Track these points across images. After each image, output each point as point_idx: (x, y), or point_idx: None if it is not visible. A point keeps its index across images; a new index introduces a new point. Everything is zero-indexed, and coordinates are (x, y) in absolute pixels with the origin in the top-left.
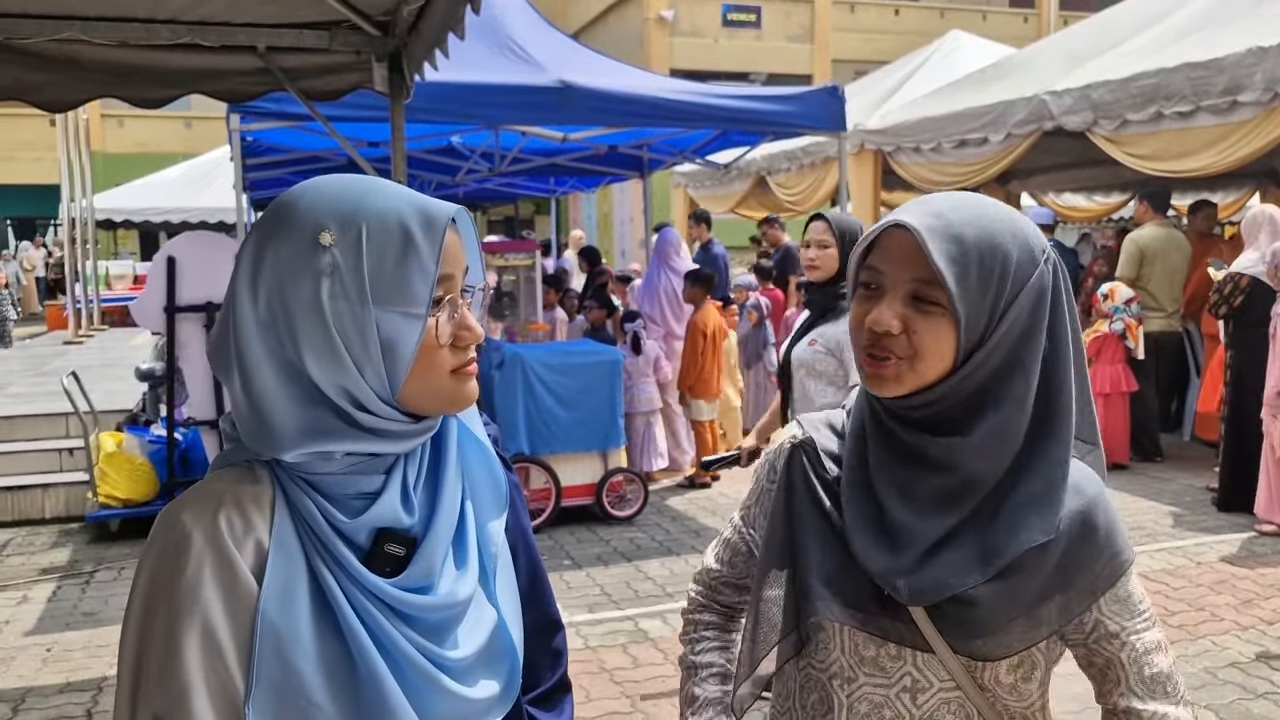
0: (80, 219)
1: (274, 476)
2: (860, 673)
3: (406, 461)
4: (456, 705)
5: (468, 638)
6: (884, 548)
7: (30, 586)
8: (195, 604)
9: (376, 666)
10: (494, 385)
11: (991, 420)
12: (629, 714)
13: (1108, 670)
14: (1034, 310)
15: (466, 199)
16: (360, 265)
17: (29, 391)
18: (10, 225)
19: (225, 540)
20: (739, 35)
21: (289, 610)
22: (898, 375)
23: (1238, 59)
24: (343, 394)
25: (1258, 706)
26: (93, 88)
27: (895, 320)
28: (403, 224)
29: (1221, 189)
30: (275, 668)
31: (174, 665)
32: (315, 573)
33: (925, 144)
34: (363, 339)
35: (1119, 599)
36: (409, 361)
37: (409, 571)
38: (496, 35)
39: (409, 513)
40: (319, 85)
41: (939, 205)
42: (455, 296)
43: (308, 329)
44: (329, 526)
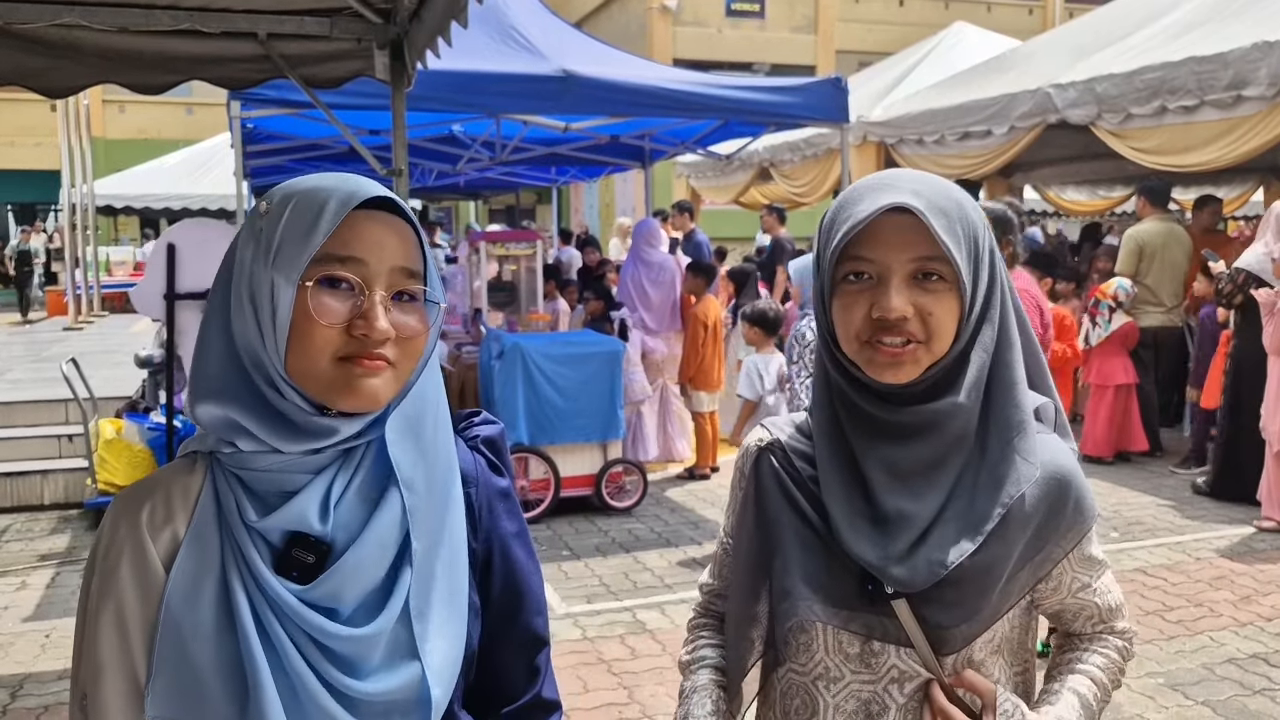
0: (81, 205)
1: (209, 470)
2: (846, 670)
3: (341, 467)
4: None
5: (382, 677)
6: (876, 537)
7: (29, 572)
8: (111, 589)
9: (261, 676)
10: (494, 375)
11: (973, 373)
12: (626, 705)
13: (1080, 613)
14: (992, 264)
15: (467, 187)
16: (276, 232)
17: (28, 377)
18: (10, 211)
19: (143, 530)
20: (742, 25)
21: (193, 602)
22: (916, 358)
23: (1243, 53)
24: (255, 363)
25: (1254, 703)
26: (93, 73)
27: (908, 305)
28: (324, 200)
29: (1225, 184)
30: (174, 656)
31: (92, 646)
32: (225, 571)
33: (928, 136)
34: (263, 301)
35: (1085, 557)
36: (284, 328)
37: (314, 585)
38: (498, 23)
39: (323, 521)
40: (320, 72)
41: (910, 183)
42: (365, 284)
43: (237, 288)
44: (241, 522)
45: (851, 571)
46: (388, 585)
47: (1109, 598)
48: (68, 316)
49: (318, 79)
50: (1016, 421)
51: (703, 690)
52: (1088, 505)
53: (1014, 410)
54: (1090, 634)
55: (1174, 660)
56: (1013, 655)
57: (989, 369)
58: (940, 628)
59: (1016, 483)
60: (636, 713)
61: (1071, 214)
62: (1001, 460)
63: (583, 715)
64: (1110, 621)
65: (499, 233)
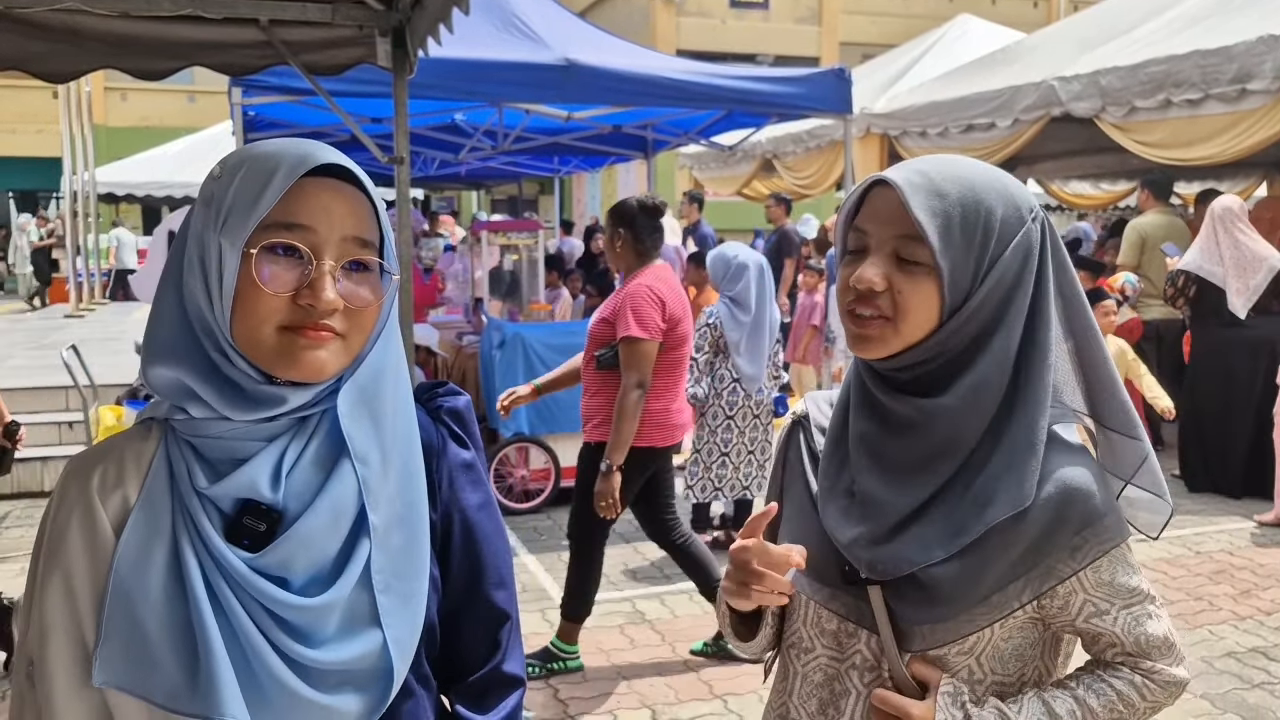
0: (82, 192)
1: (163, 437)
2: (818, 645)
3: (294, 436)
4: (299, 708)
5: (339, 646)
6: (853, 519)
7: (29, 559)
8: (60, 554)
9: (212, 640)
10: (495, 364)
11: (970, 379)
12: (625, 695)
13: (1099, 639)
14: (1020, 268)
15: (469, 177)
16: (225, 197)
17: (29, 364)
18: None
19: (93, 494)
20: (746, 16)
21: (142, 567)
22: (882, 336)
23: (1248, 47)
24: (205, 329)
25: (1253, 696)
26: (94, 58)
27: (879, 277)
28: (274, 166)
29: (1229, 178)
30: (123, 622)
31: (40, 611)
32: (176, 536)
33: (932, 128)
34: (209, 266)
35: (1105, 583)
36: (229, 294)
37: (265, 553)
38: (501, 11)
39: (274, 489)
40: (321, 59)
41: (923, 164)
42: (313, 254)
43: (189, 252)
44: (193, 489)
45: (835, 550)
46: (344, 556)
47: (1139, 632)
48: (69, 304)
49: (319, 66)
50: (1026, 443)
51: None
52: (1101, 527)
53: (1027, 431)
54: (1109, 663)
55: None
56: (1000, 664)
57: (1010, 383)
58: (906, 622)
59: (1007, 505)
60: (635, 702)
61: (1074, 207)
62: (998, 478)
63: (581, 705)
64: (1138, 657)
65: (501, 222)
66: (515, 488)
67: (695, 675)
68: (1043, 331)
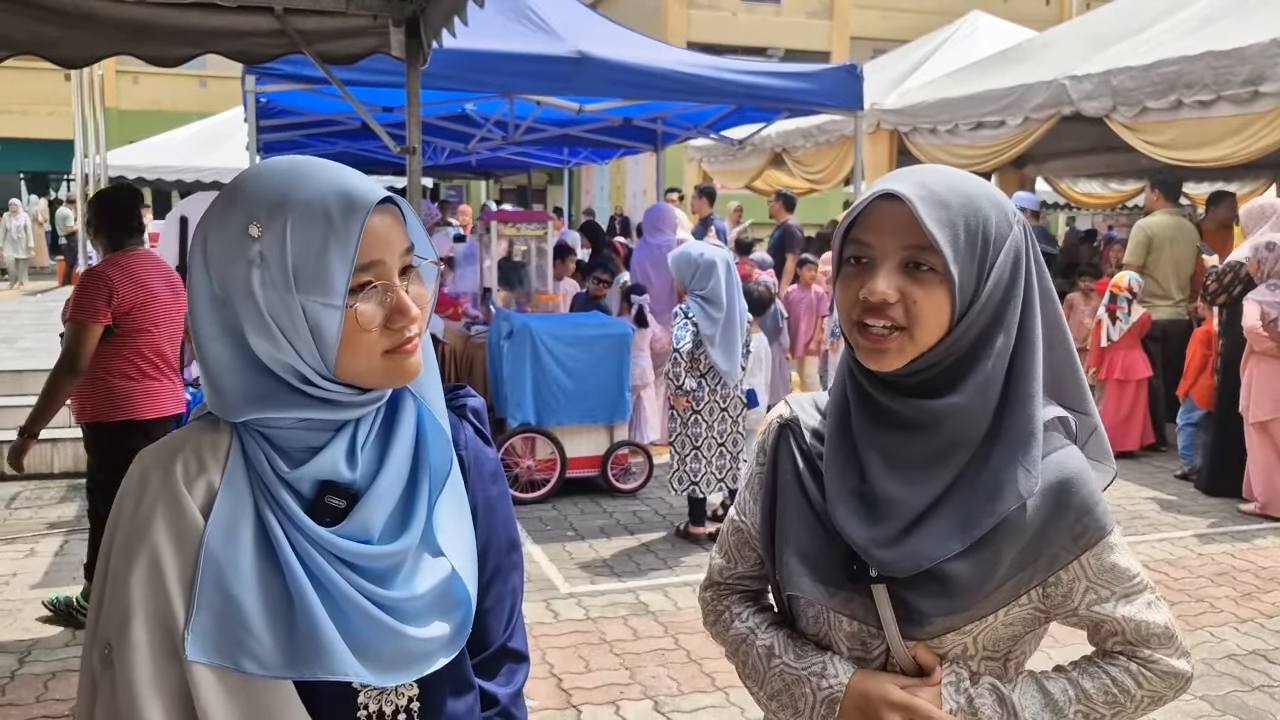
0: (94, 175)
1: (234, 428)
2: (843, 646)
3: (358, 422)
4: (400, 643)
5: (417, 582)
6: (866, 519)
7: (38, 540)
8: (145, 538)
9: (310, 601)
10: (502, 355)
11: (977, 378)
12: (627, 685)
13: (1100, 627)
14: (1013, 269)
15: (479, 166)
16: (285, 255)
17: (39, 346)
18: (23, 179)
19: (178, 482)
20: (757, 10)
21: (232, 544)
22: (900, 347)
23: (1261, 49)
24: (286, 369)
25: (1253, 699)
26: (109, 44)
27: (892, 289)
28: (326, 212)
29: (1238, 179)
30: (215, 597)
31: (121, 594)
32: (260, 515)
33: (942, 125)
34: (293, 323)
35: (1106, 568)
36: (334, 346)
37: (347, 523)
38: (514, 3)
39: (351, 468)
40: (335, 49)
41: (920, 175)
42: (389, 282)
43: (246, 311)
44: (274, 474)
45: (840, 550)
46: (407, 506)
47: (1140, 619)
48: None
49: (333, 55)
50: (1026, 434)
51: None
52: (1099, 513)
53: (1025, 422)
54: (1107, 651)
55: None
56: (994, 644)
57: (1005, 378)
58: (918, 613)
59: (1014, 496)
60: (638, 693)
61: (1083, 206)
62: (1003, 470)
63: (584, 694)
64: (1137, 645)
65: (510, 213)
66: (521, 478)
67: (698, 667)
68: (1032, 327)
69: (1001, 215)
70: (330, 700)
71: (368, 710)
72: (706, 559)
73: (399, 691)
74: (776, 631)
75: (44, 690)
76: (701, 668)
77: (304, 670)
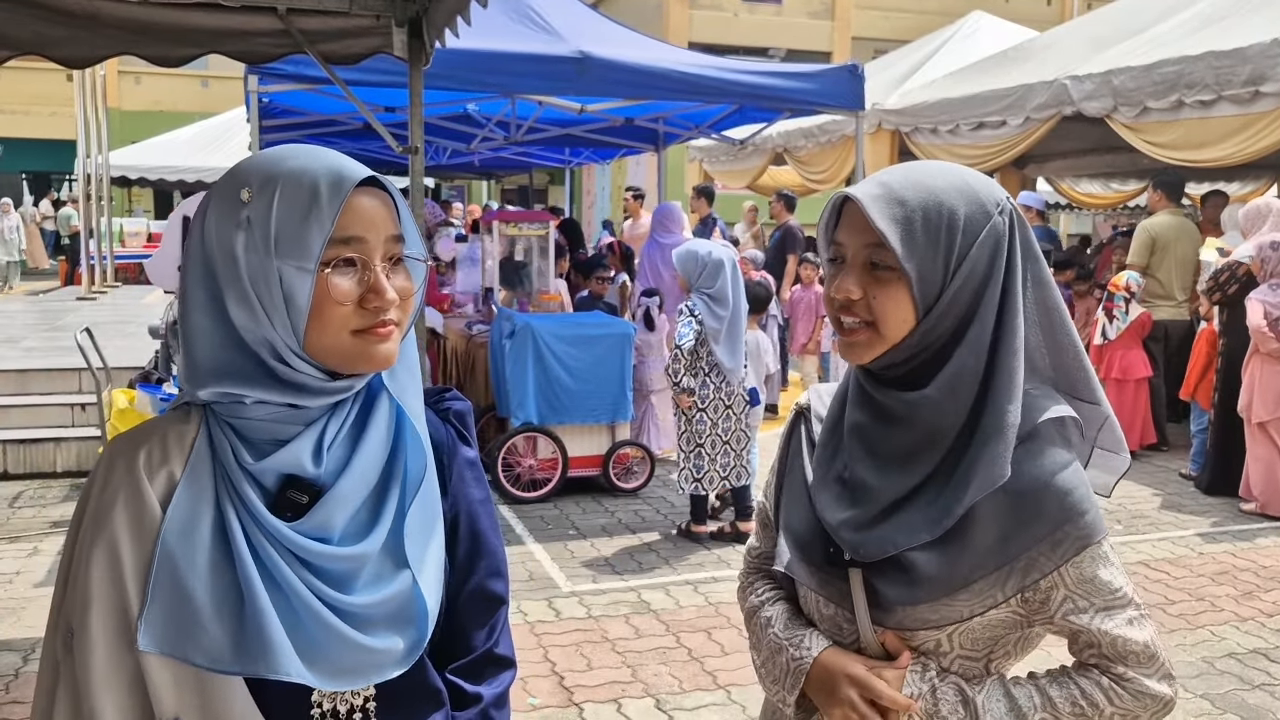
0: (96, 175)
1: (204, 418)
2: (822, 627)
3: (330, 418)
4: (350, 650)
5: (372, 589)
6: (844, 503)
7: (41, 539)
8: (105, 527)
9: (259, 598)
10: (504, 354)
11: (949, 370)
12: (629, 684)
13: (1077, 638)
14: (990, 261)
15: (481, 167)
16: (269, 220)
17: (43, 346)
18: (26, 179)
19: (140, 471)
20: (759, 10)
21: (189, 537)
22: (867, 341)
23: (1262, 49)
24: (261, 343)
25: (1253, 697)
26: (112, 44)
27: (854, 287)
28: (313, 183)
29: (1239, 179)
30: (169, 590)
31: (81, 581)
32: (220, 508)
33: (943, 125)
34: (269, 290)
35: (1085, 579)
36: (304, 313)
37: (306, 519)
38: (516, 3)
39: (317, 464)
40: (338, 49)
41: (885, 175)
42: (368, 260)
43: (229, 278)
44: (238, 465)
45: (821, 533)
46: (373, 509)
47: (1117, 635)
48: (81, 286)
49: (336, 55)
50: (1000, 426)
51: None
52: (1082, 522)
53: (1000, 415)
54: (1082, 663)
55: (1174, 654)
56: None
57: (984, 371)
58: (887, 601)
59: (981, 487)
60: (639, 691)
61: (1084, 206)
62: (975, 462)
63: (586, 693)
64: (1113, 661)
65: (511, 212)
66: (523, 477)
67: (699, 665)
68: (1012, 319)
69: (975, 207)
70: (283, 696)
71: (321, 709)
72: (708, 557)
73: (354, 692)
74: (780, 605)
75: None
76: (703, 666)
77: (249, 666)
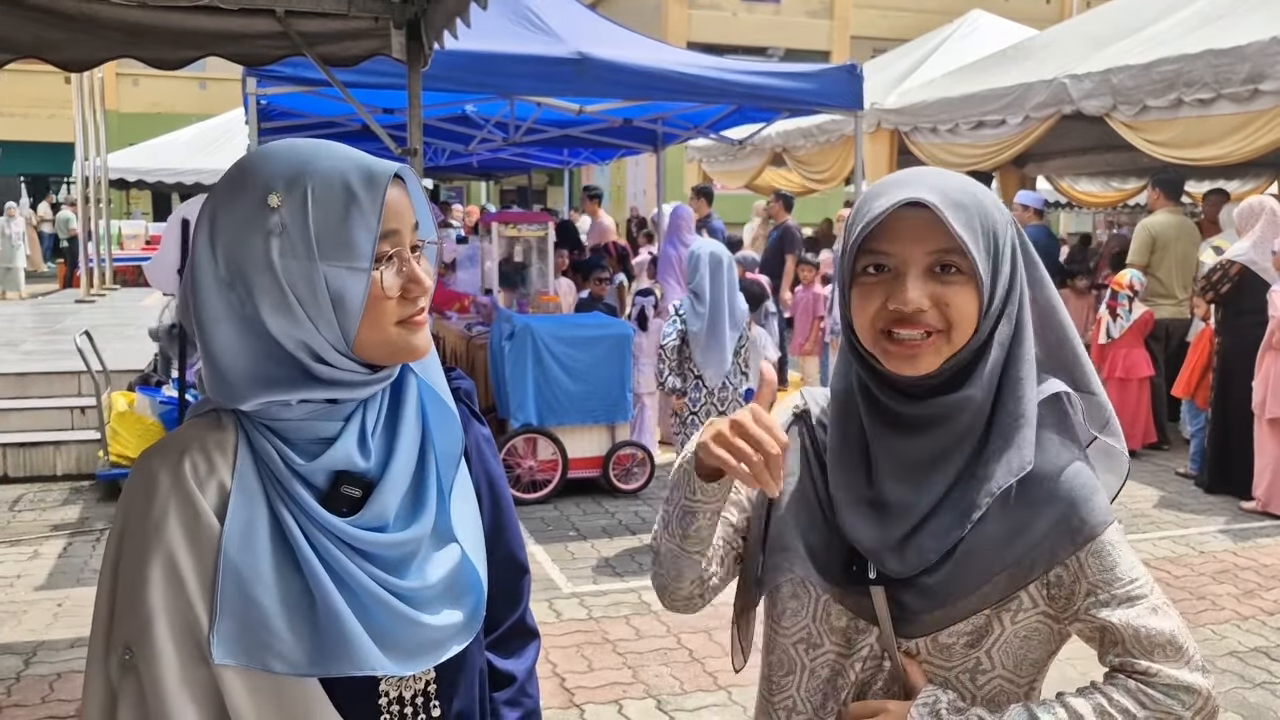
0: (94, 178)
1: (238, 424)
2: (827, 641)
3: (365, 408)
4: (418, 632)
5: (430, 570)
6: (875, 522)
7: (41, 542)
8: (160, 541)
9: (332, 598)
10: (504, 355)
11: (985, 368)
12: (630, 684)
13: (1104, 635)
14: (1014, 263)
15: (480, 168)
16: (306, 223)
17: (42, 349)
18: (24, 182)
19: (189, 483)
20: (757, 9)
21: (250, 547)
22: (937, 349)
23: (1261, 47)
24: (300, 346)
25: (1254, 695)
26: (111, 48)
27: (925, 298)
28: (346, 182)
29: (1239, 177)
30: (237, 601)
31: (139, 598)
32: (275, 512)
33: (942, 124)
34: (313, 293)
35: (1105, 567)
36: (358, 314)
37: (364, 512)
38: (514, 4)
39: (365, 456)
40: (337, 51)
41: (930, 180)
42: (403, 250)
43: (263, 286)
44: (287, 469)
45: (839, 549)
46: (417, 492)
47: (1140, 625)
48: (79, 289)
49: (335, 57)
50: (1018, 414)
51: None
52: (1095, 504)
53: (1016, 403)
54: (1111, 670)
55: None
56: (1014, 664)
57: (1003, 364)
58: (911, 610)
59: (1006, 474)
60: (640, 692)
61: (1084, 205)
62: (998, 452)
63: (587, 694)
64: (1137, 656)
65: (511, 213)
66: (523, 478)
67: (700, 666)
68: (1024, 316)
69: (1001, 213)
70: (352, 690)
71: (388, 696)
72: None
73: (416, 676)
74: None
75: (50, 691)
76: (704, 667)
77: (331, 667)
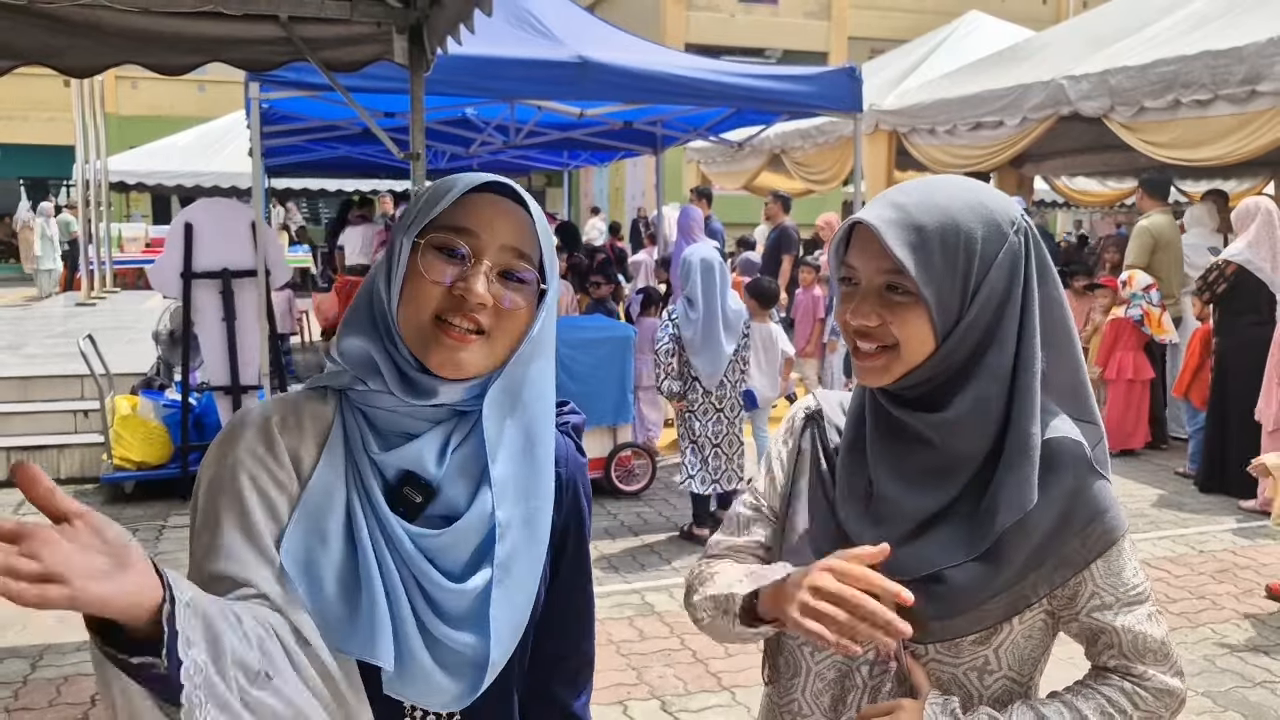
0: (94, 181)
1: (339, 404)
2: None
3: (455, 427)
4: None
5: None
6: (870, 520)
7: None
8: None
9: (377, 595)
10: None
11: (969, 395)
12: (634, 686)
13: (1100, 636)
14: (1008, 282)
15: (480, 170)
16: (415, 208)
17: (44, 352)
18: (23, 185)
19: (274, 428)
20: (755, 10)
21: (324, 514)
22: (886, 365)
23: (1259, 48)
24: (379, 310)
25: (1254, 695)
26: (114, 53)
27: (872, 316)
28: (453, 183)
29: (1235, 177)
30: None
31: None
32: (349, 491)
33: (940, 126)
34: (393, 259)
35: (1113, 572)
36: (399, 279)
37: (437, 535)
38: (515, 8)
39: (439, 466)
40: (339, 56)
41: (899, 196)
42: (475, 255)
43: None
44: (365, 453)
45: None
46: (482, 550)
47: (1138, 631)
48: (81, 292)
49: (337, 62)
50: (1023, 449)
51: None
52: (1109, 516)
53: (1023, 439)
54: (1100, 669)
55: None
56: (1019, 663)
57: (1009, 396)
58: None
59: (1011, 511)
60: (644, 693)
61: (1081, 204)
62: (1002, 486)
63: (591, 695)
64: (1131, 660)
65: None
66: None
67: (704, 667)
68: (1030, 341)
69: (992, 228)
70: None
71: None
72: None
73: None
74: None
75: (56, 695)
76: (708, 667)
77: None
